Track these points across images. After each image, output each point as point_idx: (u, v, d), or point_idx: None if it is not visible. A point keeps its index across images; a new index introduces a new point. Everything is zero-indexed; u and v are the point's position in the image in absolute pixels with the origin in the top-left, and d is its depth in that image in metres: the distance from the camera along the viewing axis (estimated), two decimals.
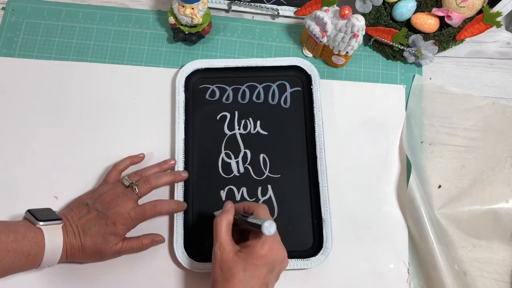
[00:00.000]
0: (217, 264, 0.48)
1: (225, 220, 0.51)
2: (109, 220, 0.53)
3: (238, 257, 0.48)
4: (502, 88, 0.69)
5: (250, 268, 0.47)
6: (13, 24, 0.70)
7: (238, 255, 0.48)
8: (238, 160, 0.63)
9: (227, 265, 0.48)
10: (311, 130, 0.63)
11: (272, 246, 0.48)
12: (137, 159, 0.62)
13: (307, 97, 0.66)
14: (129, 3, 0.72)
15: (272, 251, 0.48)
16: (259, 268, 0.47)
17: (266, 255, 0.48)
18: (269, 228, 0.46)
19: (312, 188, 0.61)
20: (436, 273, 0.57)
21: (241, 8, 0.71)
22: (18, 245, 0.48)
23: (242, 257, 0.48)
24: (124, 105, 0.66)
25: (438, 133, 0.66)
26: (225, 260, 0.48)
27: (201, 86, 0.66)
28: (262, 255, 0.48)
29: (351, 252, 0.60)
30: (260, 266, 0.47)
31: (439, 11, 0.64)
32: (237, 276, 0.46)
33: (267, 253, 0.48)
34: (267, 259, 0.48)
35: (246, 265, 0.47)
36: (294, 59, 0.67)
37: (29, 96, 0.66)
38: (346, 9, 0.59)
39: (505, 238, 0.60)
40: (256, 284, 0.47)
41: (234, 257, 0.48)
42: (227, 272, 0.47)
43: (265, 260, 0.48)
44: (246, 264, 0.47)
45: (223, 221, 0.51)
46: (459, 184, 0.63)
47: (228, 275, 0.47)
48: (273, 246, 0.49)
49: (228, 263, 0.48)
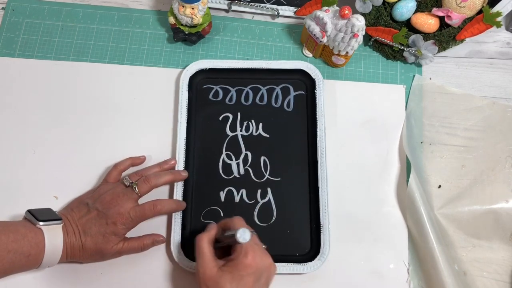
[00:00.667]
0: (202, 282, 0.48)
1: (206, 237, 0.51)
2: (110, 220, 0.53)
3: (223, 271, 0.48)
4: (502, 88, 0.69)
5: (237, 279, 0.46)
6: (13, 24, 0.70)
7: (223, 269, 0.48)
8: (238, 162, 0.63)
9: (212, 280, 0.47)
10: (313, 135, 0.63)
11: (255, 254, 0.48)
12: (138, 161, 0.62)
13: (310, 101, 0.65)
14: (129, 3, 0.72)
15: (255, 259, 0.48)
16: (246, 278, 0.47)
17: (250, 264, 0.47)
18: (244, 235, 0.46)
19: (311, 193, 0.61)
20: (436, 273, 0.57)
21: (241, 8, 0.71)
22: (18, 245, 0.48)
23: (227, 270, 0.47)
24: (124, 105, 0.66)
25: (438, 133, 0.66)
26: (210, 276, 0.47)
27: (205, 86, 0.66)
28: (247, 264, 0.47)
29: (351, 252, 0.60)
30: (246, 275, 0.47)
31: (439, 11, 0.64)
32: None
33: (251, 262, 0.47)
34: (252, 268, 0.47)
35: (232, 277, 0.47)
36: (299, 62, 0.67)
37: (29, 96, 0.66)
38: (346, 9, 0.59)
39: (505, 238, 0.60)
40: None
41: (218, 272, 0.48)
42: (214, 287, 0.47)
43: (251, 270, 0.47)
44: (232, 277, 0.47)
45: (203, 238, 0.51)
46: (459, 184, 0.63)
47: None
48: (256, 255, 0.48)
49: (214, 278, 0.47)
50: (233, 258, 0.48)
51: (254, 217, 0.61)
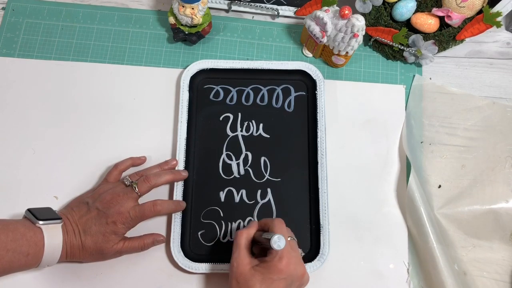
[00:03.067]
0: (233, 276, 0.48)
1: (245, 234, 0.51)
2: (109, 219, 0.53)
3: (255, 270, 0.48)
4: (502, 88, 0.69)
5: (267, 282, 0.46)
6: (13, 24, 0.70)
7: (256, 268, 0.48)
8: (239, 162, 0.63)
9: (243, 277, 0.47)
10: (313, 135, 0.63)
11: (289, 261, 0.48)
12: (139, 161, 0.62)
13: (311, 102, 0.65)
14: (129, 3, 0.72)
15: (289, 266, 0.47)
16: (276, 283, 0.47)
17: (283, 269, 0.47)
18: (278, 242, 0.46)
19: (311, 193, 0.61)
20: (436, 273, 0.57)
21: (241, 8, 0.71)
22: (17, 244, 0.48)
23: (259, 270, 0.47)
24: (124, 105, 0.66)
25: (438, 133, 0.66)
26: (242, 273, 0.48)
27: (206, 86, 0.66)
28: (279, 269, 0.47)
29: (351, 252, 0.60)
30: (277, 280, 0.47)
31: (439, 11, 0.64)
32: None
33: (284, 267, 0.47)
34: (284, 274, 0.47)
35: (263, 279, 0.47)
36: (300, 63, 0.67)
37: (29, 96, 0.66)
38: (346, 9, 0.59)
39: (505, 238, 0.60)
40: None
41: (251, 270, 0.48)
42: (244, 284, 0.47)
43: (282, 275, 0.47)
44: (263, 278, 0.47)
45: (243, 234, 0.51)
46: (459, 184, 0.63)
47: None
48: (290, 261, 0.48)
49: (245, 275, 0.47)
50: (267, 260, 0.48)
51: (254, 217, 0.61)
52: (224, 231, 0.60)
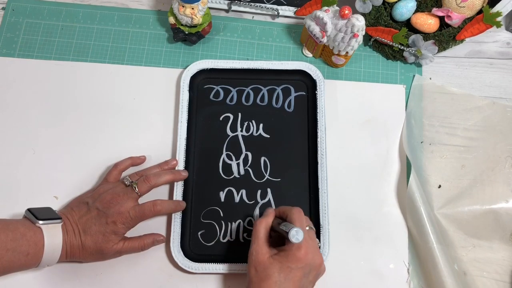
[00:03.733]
0: (252, 264, 0.49)
1: (264, 223, 0.52)
2: (109, 219, 0.53)
3: (274, 259, 0.48)
4: (502, 88, 0.69)
5: (285, 270, 0.47)
6: (13, 24, 0.70)
7: (274, 257, 0.49)
8: (239, 162, 0.63)
9: (262, 266, 0.48)
10: (313, 135, 0.63)
11: (308, 250, 0.48)
12: (138, 161, 0.62)
13: (311, 102, 0.65)
14: (129, 3, 0.72)
15: (307, 255, 0.48)
16: (294, 271, 0.47)
17: (301, 258, 0.48)
18: (296, 236, 0.46)
19: (311, 193, 0.61)
20: (436, 273, 0.57)
21: (241, 8, 0.71)
22: (17, 244, 0.48)
23: (277, 259, 0.48)
24: (124, 105, 0.66)
25: (438, 133, 0.66)
26: (261, 261, 0.49)
27: (206, 86, 0.66)
28: (298, 258, 0.48)
29: (351, 252, 0.60)
30: (295, 269, 0.47)
31: (439, 11, 0.64)
32: (272, 278, 0.47)
33: (302, 256, 0.48)
34: (302, 263, 0.48)
35: (281, 267, 0.47)
36: (300, 63, 0.67)
37: (29, 96, 0.66)
38: (346, 9, 0.59)
39: (505, 238, 0.60)
40: (291, 287, 0.47)
41: (269, 259, 0.49)
42: (262, 272, 0.48)
43: (300, 264, 0.48)
44: (281, 267, 0.47)
45: (262, 223, 0.52)
46: (459, 184, 0.63)
47: (263, 276, 0.47)
48: (309, 251, 0.48)
49: (264, 264, 0.48)
50: (286, 249, 0.49)
51: (254, 217, 0.61)
52: (224, 231, 0.60)
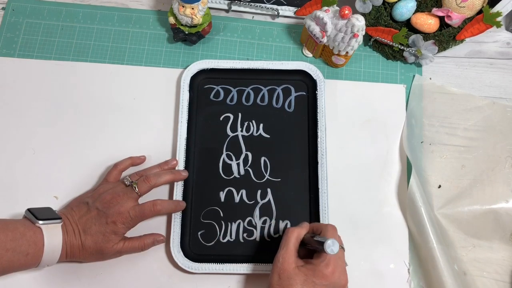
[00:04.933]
0: (276, 270, 0.48)
1: (297, 232, 0.51)
2: (109, 219, 0.53)
3: (300, 270, 0.48)
4: (502, 88, 0.69)
5: (309, 284, 0.47)
6: (13, 24, 0.70)
7: (300, 268, 0.48)
8: (239, 162, 0.63)
9: (286, 274, 0.47)
10: (314, 136, 0.63)
11: (335, 269, 0.48)
12: (138, 160, 0.62)
13: (312, 102, 0.65)
14: (129, 3, 0.72)
15: (334, 274, 0.47)
16: (317, 287, 0.47)
17: (327, 276, 0.47)
18: (332, 247, 0.45)
19: (311, 194, 0.61)
20: (436, 273, 0.57)
21: (241, 8, 0.71)
22: (16, 244, 0.48)
23: (303, 271, 0.48)
24: (124, 105, 0.66)
25: (438, 133, 0.66)
26: (286, 269, 0.48)
27: (206, 86, 0.66)
28: (324, 274, 0.47)
29: (351, 252, 0.60)
30: (319, 285, 0.47)
31: (439, 11, 0.64)
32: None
33: (329, 274, 0.47)
34: (328, 281, 0.47)
35: (305, 280, 0.47)
36: (300, 63, 0.67)
37: (29, 96, 0.66)
38: (346, 9, 0.59)
39: (505, 238, 0.60)
40: None
41: (295, 269, 0.48)
42: (285, 281, 0.47)
43: (325, 281, 0.47)
44: (306, 279, 0.47)
45: (294, 232, 0.51)
46: (459, 184, 0.63)
47: (285, 285, 0.47)
48: (336, 270, 0.48)
49: (288, 272, 0.47)
50: (313, 262, 0.48)
51: (254, 217, 0.61)
52: (224, 231, 0.60)
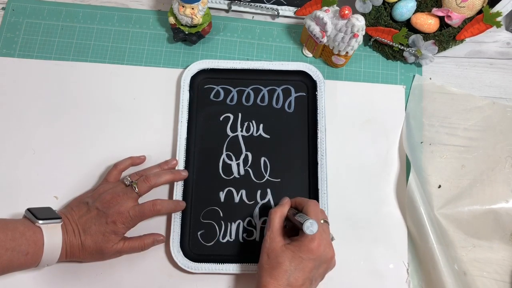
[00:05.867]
0: (265, 251, 0.51)
1: (279, 212, 0.53)
2: (109, 219, 0.53)
3: (287, 248, 0.49)
4: (502, 88, 0.69)
5: (297, 260, 0.48)
6: (13, 24, 0.70)
7: (287, 246, 0.50)
8: (239, 162, 0.63)
9: (274, 253, 0.49)
10: (313, 136, 0.63)
11: (320, 243, 0.49)
12: (138, 160, 0.62)
13: (312, 102, 0.65)
14: (129, 3, 0.72)
15: (320, 247, 0.49)
16: (305, 262, 0.48)
17: (313, 250, 0.49)
18: (310, 228, 0.47)
19: (311, 194, 0.61)
20: (436, 273, 0.57)
21: (241, 8, 0.71)
22: (16, 243, 0.48)
23: (290, 248, 0.49)
24: (124, 105, 0.66)
25: (438, 133, 0.66)
26: (274, 249, 0.50)
27: (206, 86, 0.66)
28: (310, 249, 0.48)
29: (351, 252, 0.60)
30: (307, 260, 0.48)
31: (439, 11, 0.64)
32: (282, 266, 0.48)
33: (315, 248, 0.49)
34: (314, 255, 0.49)
35: (293, 257, 0.48)
36: (300, 64, 0.67)
37: (29, 96, 0.66)
38: (346, 9, 0.59)
39: (505, 238, 0.60)
40: (301, 277, 0.48)
41: (282, 247, 0.50)
42: (274, 260, 0.49)
43: (312, 255, 0.49)
44: (293, 256, 0.48)
45: (277, 212, 0.53)
46: (459, 184, 0.63)
47: (274, 263, 0.49)
48: (321, 243, 0.49)
49: (276, 252, 0.49)
50: (299, 239, 0.50)
51: (254, 218, 0.61)
52: (224, 231, 0.60)
